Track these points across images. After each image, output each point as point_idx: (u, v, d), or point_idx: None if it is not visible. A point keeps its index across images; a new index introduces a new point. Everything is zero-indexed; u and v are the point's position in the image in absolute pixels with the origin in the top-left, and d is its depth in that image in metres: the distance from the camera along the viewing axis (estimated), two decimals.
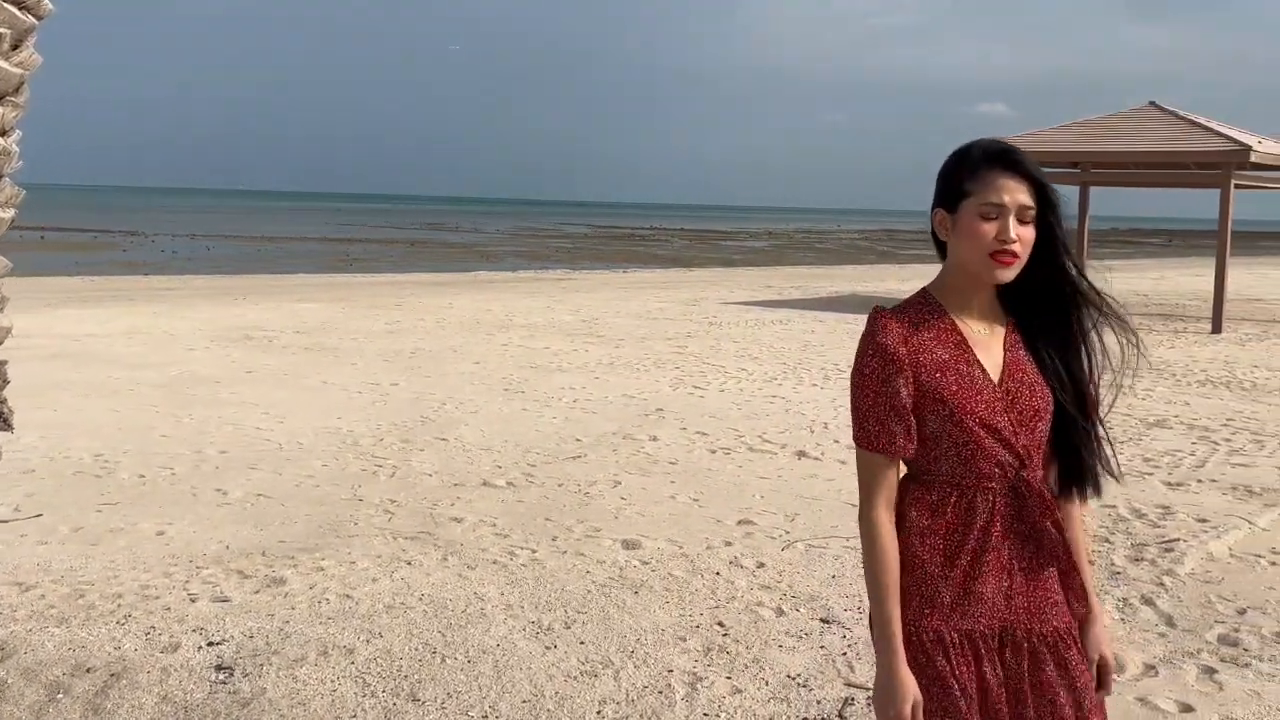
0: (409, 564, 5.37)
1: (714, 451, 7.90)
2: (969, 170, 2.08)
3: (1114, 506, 6.53)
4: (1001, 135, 2.37)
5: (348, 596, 4.90)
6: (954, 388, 2.08)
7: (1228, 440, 8.61)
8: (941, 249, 2.17)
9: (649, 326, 15.78)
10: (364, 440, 8.06)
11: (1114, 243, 65.76)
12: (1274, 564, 5.66)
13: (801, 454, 7.88)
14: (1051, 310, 2.18)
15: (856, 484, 2.18)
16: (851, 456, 7.80)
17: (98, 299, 18.71)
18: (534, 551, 5.59)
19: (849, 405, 2.17)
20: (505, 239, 59.37)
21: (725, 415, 9.23)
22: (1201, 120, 17.43)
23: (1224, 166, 16.33)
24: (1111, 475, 2.23)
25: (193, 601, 4.79)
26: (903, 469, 2.17)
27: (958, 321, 2.14)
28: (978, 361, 2.11)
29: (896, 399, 2.09)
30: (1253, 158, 15.86)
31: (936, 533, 2.12)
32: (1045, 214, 2.10)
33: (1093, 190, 19.93)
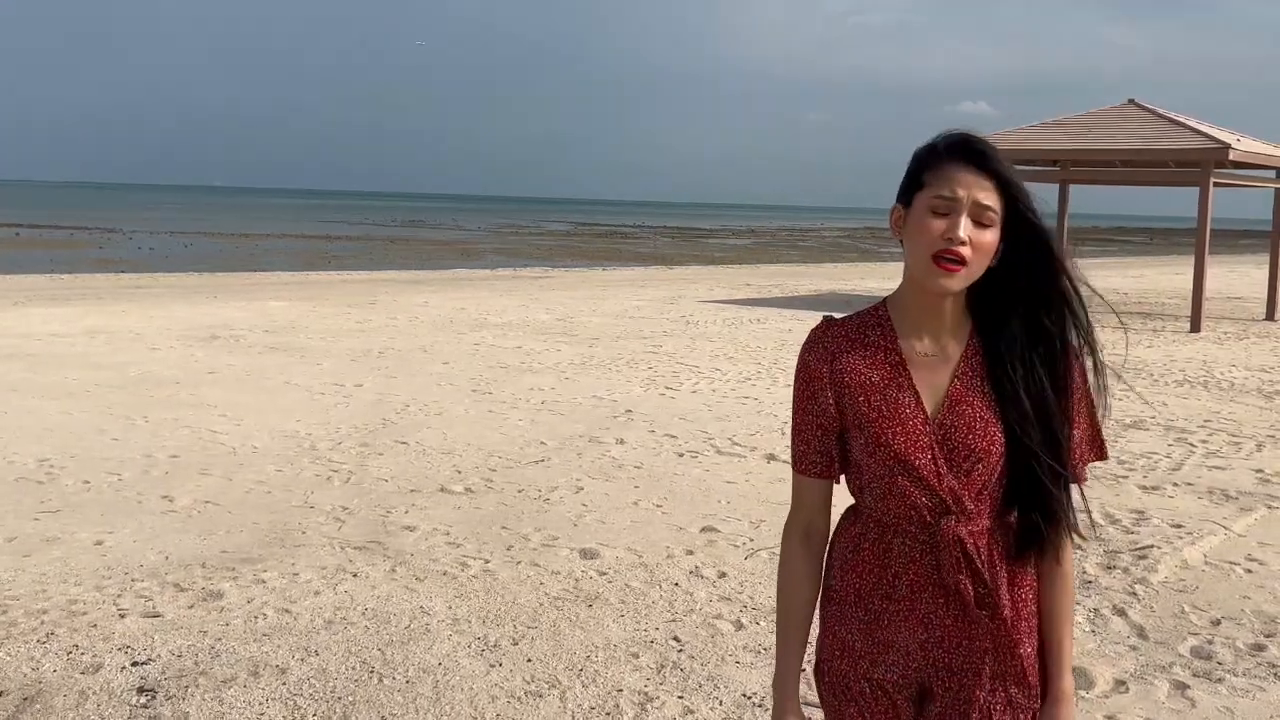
0: (354, 576, 5.16)
1: (681, 455, 7.71)
2: (929, 160, 1.82)
3: (1087, 512, 6.35)
4: (983, 133, 2.05)
5: (286, 611, 4.69)
6: (874, 414, 1.83)
7: (1204, 442, 8.46)
8: None
9: (625, 325, 15.58)
10: (321, 444, 7.84)
11: (1095, 240, 65.91)
12: (1249, 571, 5.50)
13: (770, 457, 7.69)
14: (1029, 331, 1.86)
15: None
16: None
17: (66, 297, 18.41)
18: (487, 562, 5.38)
19: None
20: (486, 236, 59.07)
21: (696, 417, 9.04)
22: (1181, 118, 17.32)
23: (1203, 165, 16.22)
24: (1073, 536, 1.89)
25: (122, 617, 4.56)
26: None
27: (902, 340, 1.87)
28: (911, 387, 1.84)
29: (818, 418, 1.90)
30: (1232, 156, 15.75)
31: (854, 569, 1.92)
32: (1018, 216, 1.81)
33: (1074, 188, 19.82)
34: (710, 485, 6.91)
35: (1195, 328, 16.22)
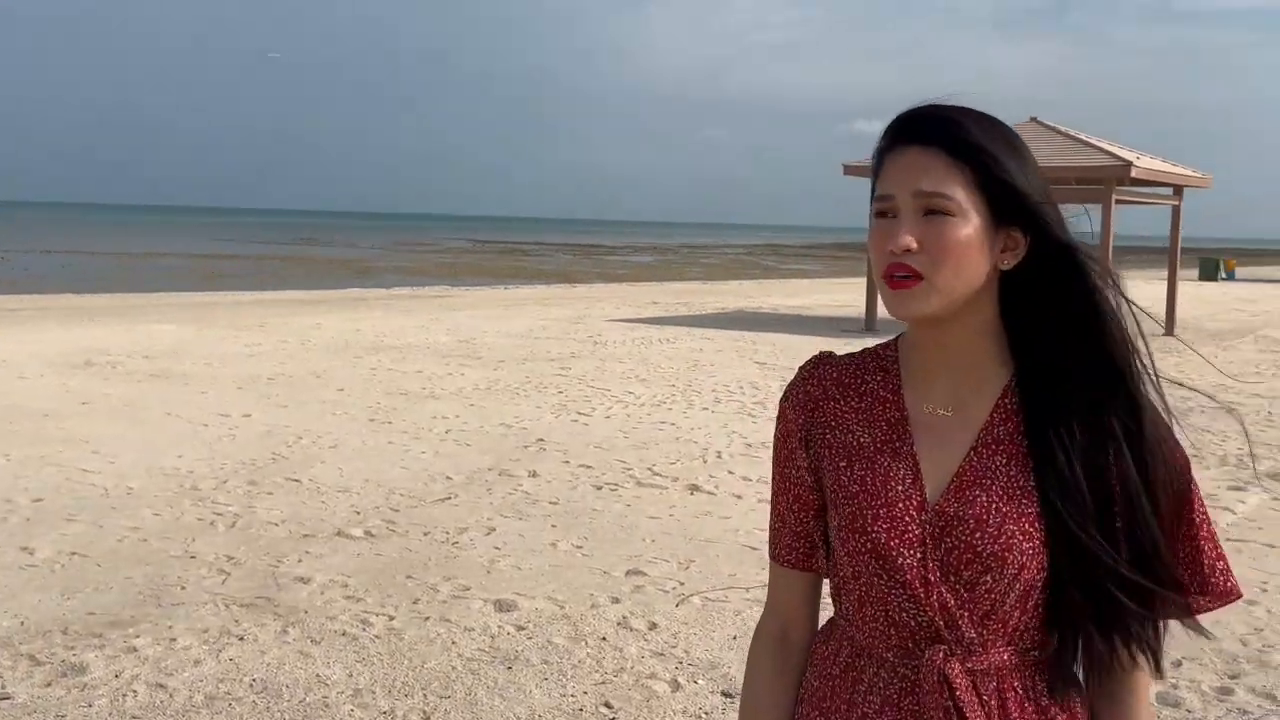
0: (241, 639, 4.56)
1: (599, 488, 7.22)
2: (877, 153, 1.36)
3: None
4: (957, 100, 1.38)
5: (160, 686, 4.08)
6: (855, 488, 1.35)
7: None
8: None
9: (531, 346, 15.04)
10: (205, 483, 7.16)
11: None
12: None
13: (694, 488, 7.25)
14: (1087, 377, 1.33)
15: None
16: (748, 490, 7.22)
17: None
18: (391, 619, 4.83)
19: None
20: (383, 254, 57.84)
21: (612, 445, 8.56)
22: (1082, 136, 17.48)
23: (1105, 182, 16.36)
24: (1155, 670, 1.36)
25: None
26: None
27: (908, 390, 1.39)
28: (910, 456, 1.35)
29: (792, 487, 1.44)
30: (1133, 173, 15.90)
31: (817, 707, 1.43)
32: (1000, 193, 1.29)
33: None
34: (633, 522, 6.43)
35: None
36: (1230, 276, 42.05)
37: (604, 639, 4.64)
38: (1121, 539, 1.30)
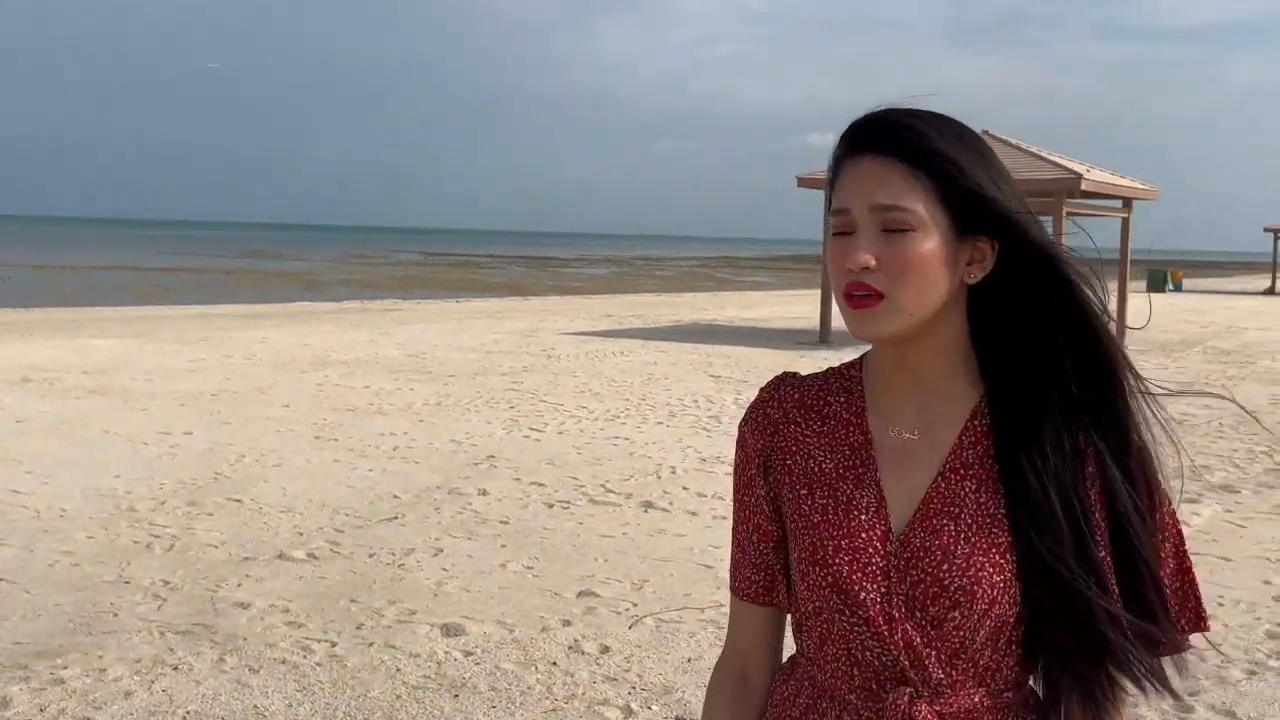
0: (175, 669, 4.36)
1: (551, 506, 7.06)
2: (833, 163, 1.26)
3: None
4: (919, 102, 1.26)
5: None
6: (816, 517, 1.26)
7: None
8: None
9: (482, 360, 14.85)
10: (142, 504, 6.92)
11: None
12: None
13: (648, 505, 7.11)
14: (1062, 396, 1.24)
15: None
16: (702, 506, 7.10)
17: None
18: (333, 645, 4.64)
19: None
20: (331, 266, 57.26)
21: (564, 461, 8.41)
22: (1033, 149, 17.62)
23: (1056, 194, 16.48)
24: (1169, 692, 1.23)
25: None
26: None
27: (872, 413, 1.30)
28: (875, 482, 1.26)
29: (752, 516, 1.35)
30: (1083, 186, 16.04)
31: None
32: (964, 199, 1.19)
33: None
34: (585, 540, 6.29)
35: None
36: (1178, 288, 42.71)
37: (554, 664, 4.50)
38: (1108, 569, 1.20)
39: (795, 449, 1.31)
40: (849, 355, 1.31)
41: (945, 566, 1.20)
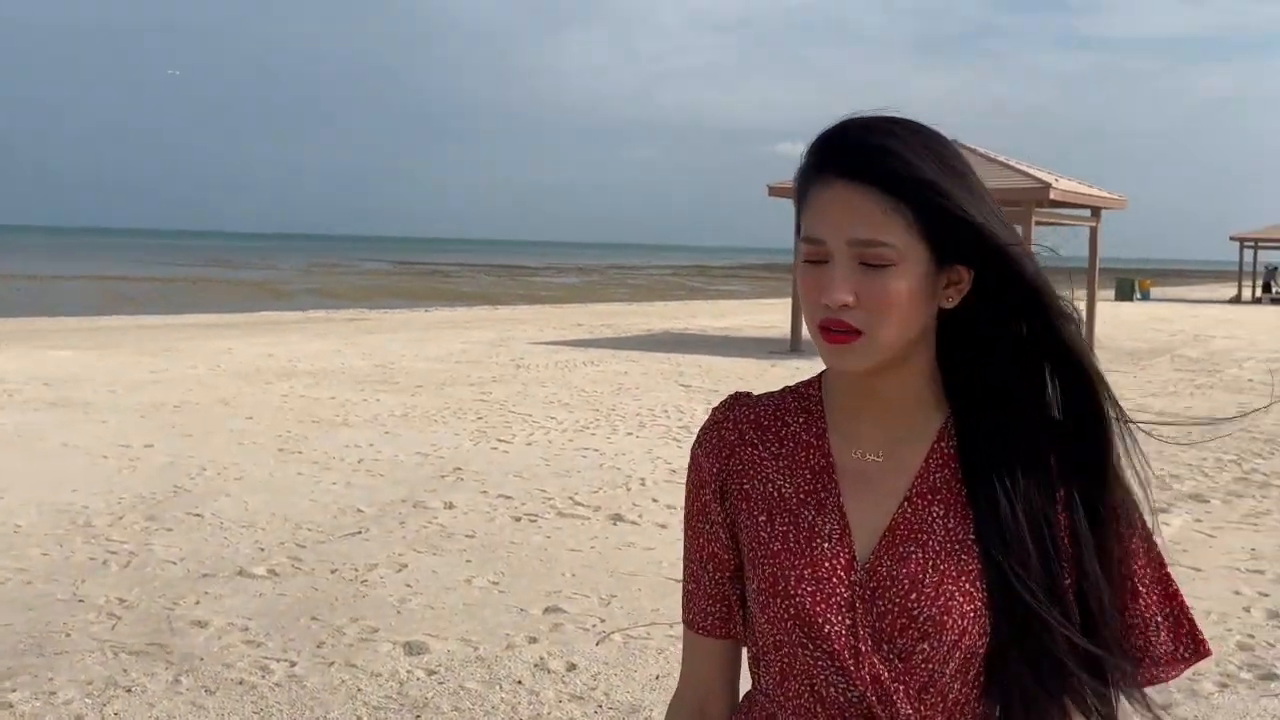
0: (128, 691, 4.23)
1: (518, 519, 6.96)
2: (801, 180, 1.18)
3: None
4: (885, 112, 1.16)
5: None
6: (776, 546, 1.20)
7: None
8: None
9: (450, 371, 14.71)
10: (99, 519, 6.76)
11: None
12: None
13: (617, 518, 7.03)
14: (1030, 419, 1.20)
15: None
16: (672, 519, 7.02)
17: None
18: (293, 665, 4.53)
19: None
20: (298, 275, 56.81)
21: (532, 473, 8.30)
22: (1002, 158, 17.69)
23: (1024, 203, 16.55)
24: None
25: None
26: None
27: (834, 434, 1.24)
28: (837, 507, 1.21)
29: (706, 544, 1.28)
30: (1052, 195, 16.11)
31: None
32: (948, 226, 1.12)
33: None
34: (552, 555, 6.19)
35: None
36: (1145, 296, 43.08)
37: (519, 682, 4.40)
38: (1070, 599, 1.17)
39: (753, 473, 1.24)
40: (821, 365, 1.24)
41: (914, 596, 1.15)
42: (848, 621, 1.16)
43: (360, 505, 7.21)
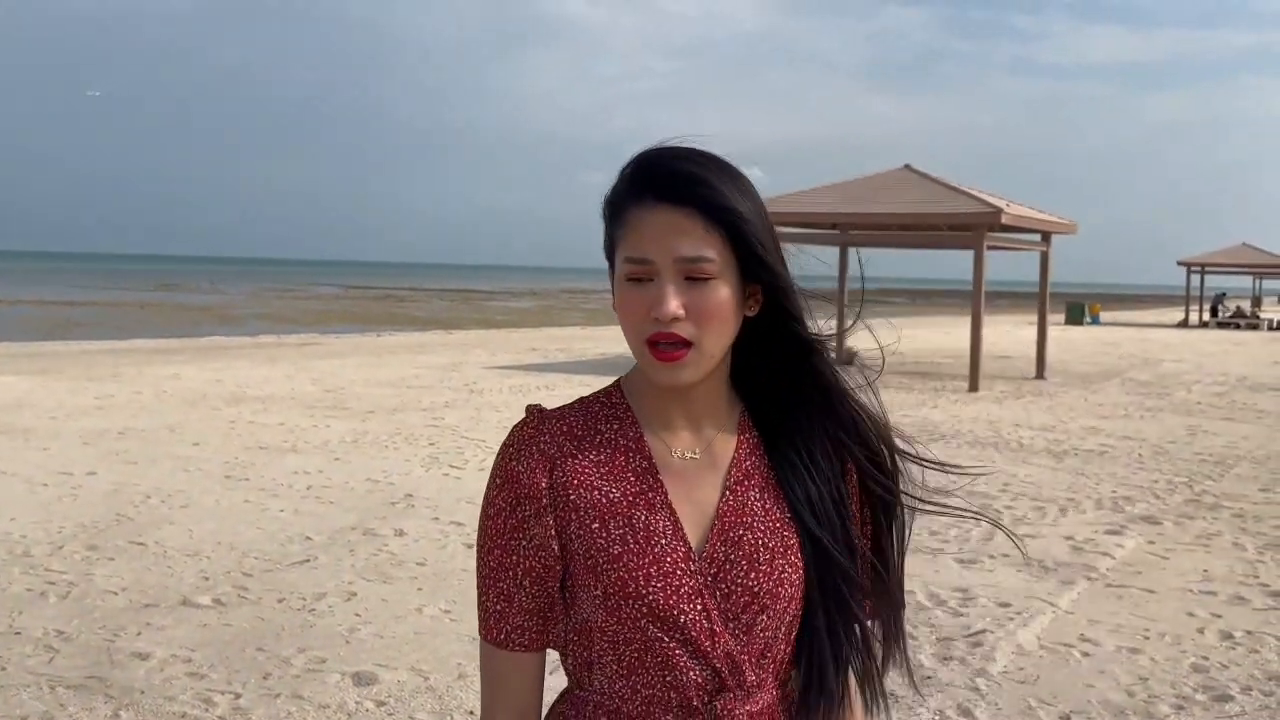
0: None
1: (471, 546, 6.85)
2: (616, 202, 1.30)
3: (911, 592, 5.91)
4: (761, 196, 1.33)
5: None
6: (616, 549, 1.26)
7: (1009, 507, 8.26)
8: None
9: (402, 396, 14.56)
10: (38, 548, 6.57)
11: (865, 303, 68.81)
12: (1086, 655, 5.15)
13: None
14: (807, 409, 1.37)
15: None
16: None
17: None
18: (237, 697, 4.40)
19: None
20: (248, 300, 56.15)
21: None
22: (954, 184, 17.86)
23: (976, 228, 16.70)
24: (874, 704, 1.42)
25: None
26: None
27: (649, 435, 1.33)
28: (667, 505, 1.29)
29: (533, 559, 1.30)
30: (1003, 220, 16.27)
31: None
32: (746, 251, 1.27)
33: (852, 251, 20.16)
34: None
35: (974, 387, 16.56)
36: (1095, 320, 43.69)
37: (471, 713, 4.31)
38: (868, 560, 1.37)
39: (577, 482, 1.29)
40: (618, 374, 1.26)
41: (752, 575, 1.27)
42: (699, 607, 1.25)
43: (309, 533, 7.07)
